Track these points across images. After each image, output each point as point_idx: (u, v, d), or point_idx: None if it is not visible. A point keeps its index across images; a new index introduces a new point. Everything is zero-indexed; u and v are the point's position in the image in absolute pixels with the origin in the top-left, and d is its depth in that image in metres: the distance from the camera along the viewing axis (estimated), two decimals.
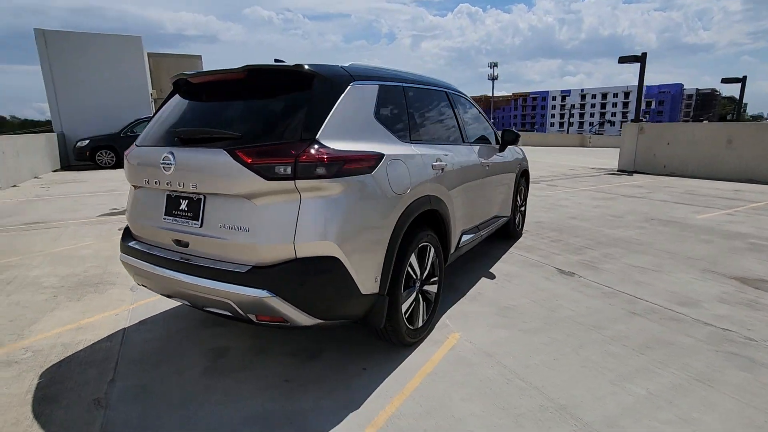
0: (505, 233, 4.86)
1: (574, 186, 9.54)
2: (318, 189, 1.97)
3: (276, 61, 2.44)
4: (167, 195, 2.27)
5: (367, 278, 2.15)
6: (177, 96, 2.54)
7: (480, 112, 4.17)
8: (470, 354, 2.58)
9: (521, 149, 5.22)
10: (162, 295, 2.44)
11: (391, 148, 2.38)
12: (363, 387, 2.26)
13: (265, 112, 2.15)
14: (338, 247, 2.00)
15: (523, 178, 5.05)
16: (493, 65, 71.66)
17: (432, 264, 2.80)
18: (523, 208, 5.22)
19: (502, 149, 4.26)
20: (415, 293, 2.62)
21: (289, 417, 2.04)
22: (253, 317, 2.04)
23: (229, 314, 2.12)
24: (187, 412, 2.08)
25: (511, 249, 4.66)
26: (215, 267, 2.05)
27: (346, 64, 2.44)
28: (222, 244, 2.06)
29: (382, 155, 2.24)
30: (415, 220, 2.49)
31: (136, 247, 2.40)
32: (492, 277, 3.85)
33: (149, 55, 18.48)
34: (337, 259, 2.00)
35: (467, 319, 3.05)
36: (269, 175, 1.92)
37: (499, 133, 4.30)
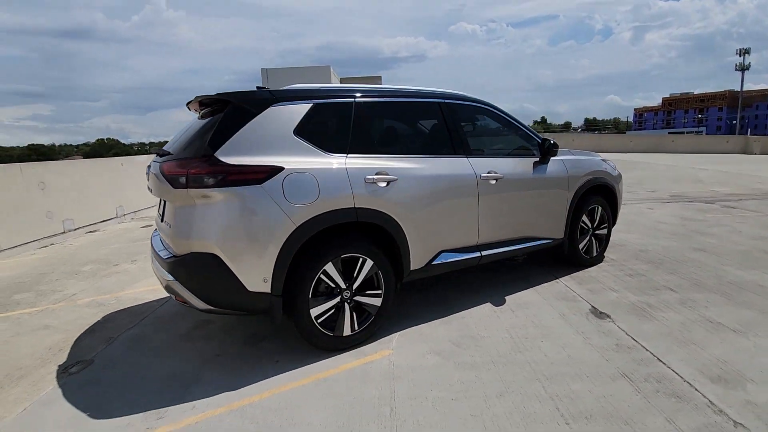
0: (569, 258, 4.16)
1: (744, 209, 7.01)
2: (207, 196, 2.38)
3: (258, 88, 2.94)
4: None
5: (252, 278, 2.43)
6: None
7: (510, 122, 3.75)
8: (378, 372, 2.52)
9: (603, 160, 4.36)
10: None
11: (304, 161, 2.58)
12: (256, 374, 2.54)
13: (196, 132, 2.65)
14: (219, 246, 2.36)
15: (598, 195, 4.21)
16: (744, 52, 56.69)
17: (372, 277, 2.82)
18: (602, 232, 4.33)
19: (542, 161, 3.73)
20: (335, 302, 2.71)
21: (193, 379, 2.50)
22: (173, 297, 2.58)
23: None
24: (152, 353, 2.78)
25: (564, 278, 3.97)
26: (161, 255, 2.66)
27: (290, 86, 2.76)
28: (165, 237, 2.67)
29: (279, 168, 2.47)
30: (334, 230, 2.61)
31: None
32: (500, 303, 3.45)
33: (341, 79, 21.80)
34: (218, 256, 2.36)
35: (416, 339, 2.91)
36: (174, 184, 2.42)
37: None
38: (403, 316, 3.28)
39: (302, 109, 2.69)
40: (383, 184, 2.79)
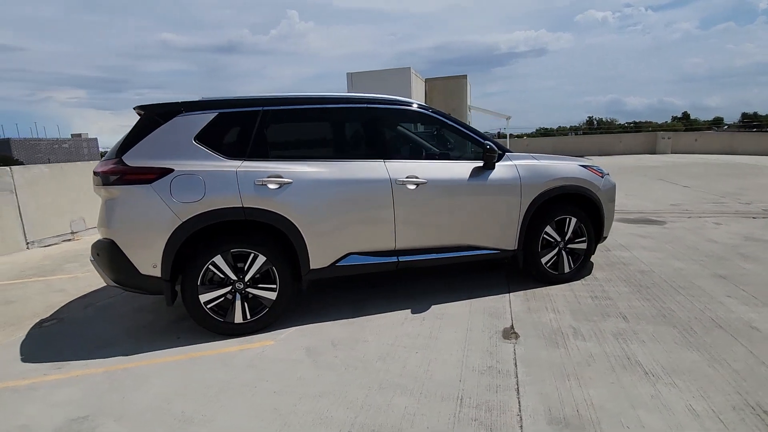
0: (529, 272, 3.82)
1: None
2: (110, 192, 2.86)
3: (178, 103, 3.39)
4: None
5: (143, 263, 2.84)
6: None
7: (451, 126, 3.60)
8: (242, 359, 2.74)
9: (584, 167, 3.90)
10: None
11: (197, 164, 2.91)
12: (153, 346, 2.96)
13: (121, 139, 3.15)
14: (115, 234, 2.82)
15: (572, 205, 3.78)
16: None
17: (268, 271, 3.04)
18: (578, 246, 3.86)
19: (487, 166, 3.51)
20: (225, 291, 2.99)
21: (110, 342, 3.03)
22: None
23: None
24: (107, 319, 3.42)
25: (517, 292, 3.66)
26: None
27: (203, 98, 3.12)
28: None
29: (169, 170, 2.84)
30: (212, 227, 2.90)
31: None
32: (421, 311, 3.37)
33: (426, 80, 21.90)
34: (114, 242, 2.82)
35: (305, 335, 3.05)
36: (95, 181, 2.95)
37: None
38: (316, 312, 3.43)
39: (206, 117, 3.02)
40: (274, 186, 2.99)
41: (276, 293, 3.09)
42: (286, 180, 3.03)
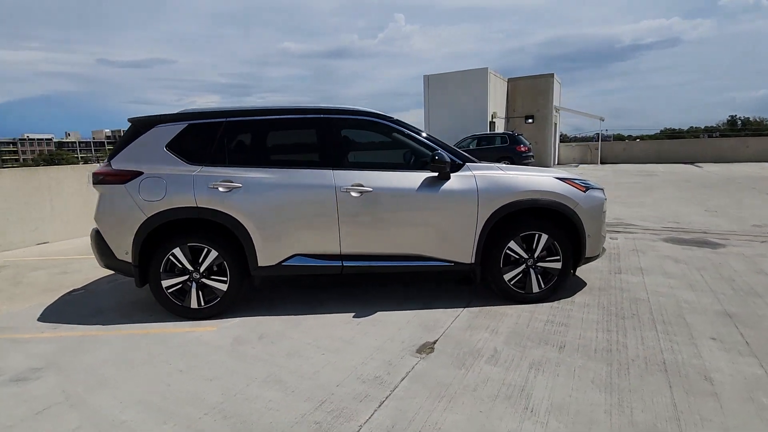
0: (493, 289, 3.65)
1: None
2: (99, 190, 3.46)
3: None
4: None
5: (118, 249, 3.40)
6: None
7: (409, 135, 3.61)
8: (180, 340, 3.14)
9: (561, 180, 3.60)
10: None
11: (164, 169, 3.38)
12: (130, 320, 3.52)
13: (115, 146, 3.73)
14: (99, 224, 3.42)
15: (543, 221, 3.53)
16: None
17: (220, 265, 3.42)
18: (551, 266, 3.57)
19: (441, 176, 3.46)
20: (183, 279, 3.43)
21: (105, 311, 3.68)
22: None
23: None
24: (120, 293, 4.15)
25: (473, 308, 3.53)
26: None
27: (182, 110, 3.60)
28: None
29: (139, 173, 3.35)
30: (172, 223, 3.35)
31: None
32: (362, 316, 3.46)
33: (509, 80, 20.98)
34: (99, 231, 3.43)
35: (244, 325, 3.35)
36: (91, 180, 3.59)
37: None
38: (271, 306, 3.71)
39: (178, 128, 3.49)
40: (224, 190, 3.34)
41: (227, 285, 3.45)
42: (236, 184, 3.36)
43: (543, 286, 3.62)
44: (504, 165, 3.74)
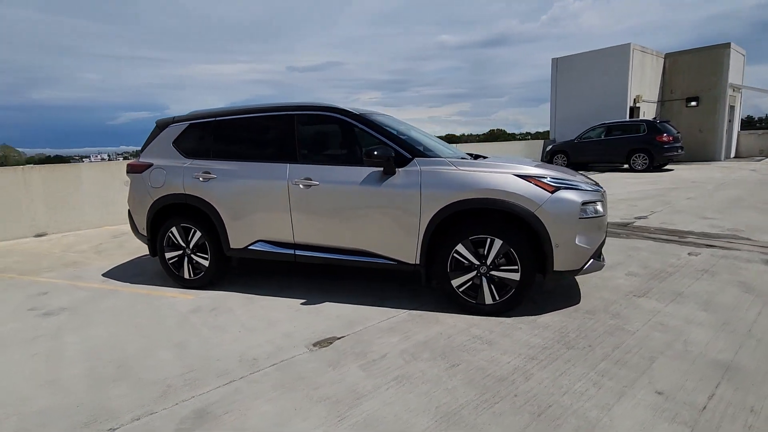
0: (444, 294, 3.38)
1: None
2: (130, 178, 4.37)
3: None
4: None
5: (140, 225, 4.25)
6: None
7: (362, 131, 3.56)
8: (160, 302, 3.81)
9: (525, 178, 3.12)
10: None
11: (167, 162, 4.08)
12: (144, 282, 4.39)
13: (144, 142, 4.57)
14: (129, 205, 4.34)
15: (498, 224, 3.14)
16: None
17: (204, 244, 4.00)
18: (508, 276, 3.13)
19: (387, 171, 3.36)
20: (178, 253, 4.10)
21: (134, 275, 4.69)
22: None
23: None
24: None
25: (415, 311, 3.37)
26: None
27: (191, 111, 4.28)
28: None
29: (150, 164, 4.11)
30: (171, 206, 4.03)
31: None
32: (306, 304, 3.64)
33: (666, 56, 17.41)
34: (129, 210, 4.35)
35: (211, 298, 3.85)
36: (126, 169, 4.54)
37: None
38: (250, 285, 4.13)
39: (182, 127, 4.16)
40: (202, 179, 3.88)
41: (208, 261, 4.01)
42: (212, 175, 3.86)
43: (497, 298, 3.20)
44: (469, 161, 3.38)
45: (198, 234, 3.98)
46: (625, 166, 14.02)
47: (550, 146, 15.96)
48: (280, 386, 2.41)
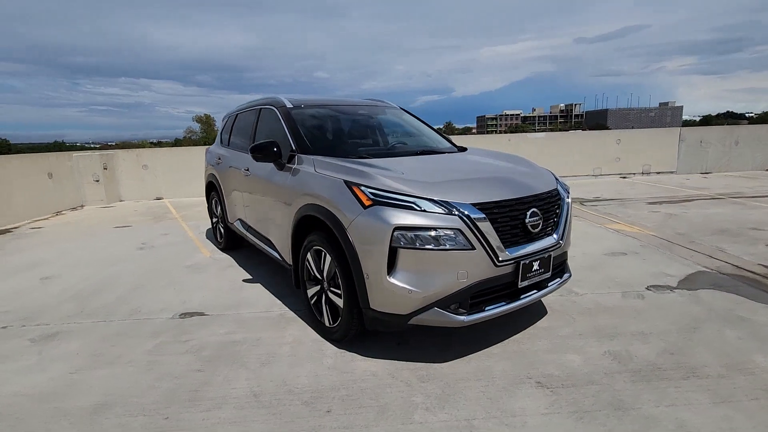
0: None
1: None
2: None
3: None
4: None
5: (206, 194, 5.57)
6: None
7: (283, 126, 3.46)
8: (191, 254, 4.98)
9: (348, 184, 2.53)
10: None
11: (213, 147, 5.15)
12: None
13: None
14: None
15: (323, 233, 2.69)
16: None
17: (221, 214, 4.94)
18: (336, 299, 2.63)
19: (277, 168, 3.31)
20: (216, 221, 5.17)
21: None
22: None
23: None
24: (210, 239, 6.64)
25: (292, 313, 3.26)
26: None
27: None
28: None
29: (209, 147, 5.27)
30: (210, 183, 5.10)
31: None
32: (247, 282, 4.02)
33: None
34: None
35: (224, 258, 4.73)
36: None
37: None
38: (251, 253, 4.81)
39: (232, 119, 5.05)
40: (216, 162, 4.74)
41: (223, 231, 4.92)
42: (221, 161, 4.67)
43: (332, 322, 2.74)
44: (352, 160, 2.87)
45: (219, 207, 4.93)
46: None
47: None
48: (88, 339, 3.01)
